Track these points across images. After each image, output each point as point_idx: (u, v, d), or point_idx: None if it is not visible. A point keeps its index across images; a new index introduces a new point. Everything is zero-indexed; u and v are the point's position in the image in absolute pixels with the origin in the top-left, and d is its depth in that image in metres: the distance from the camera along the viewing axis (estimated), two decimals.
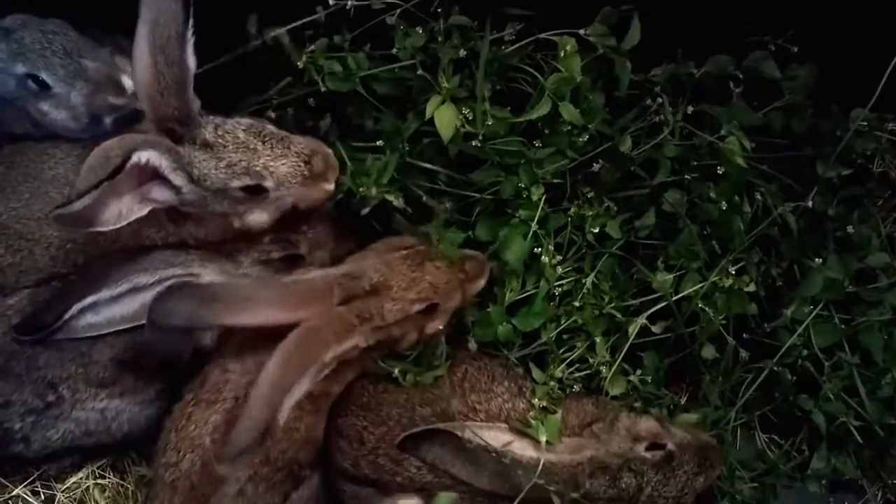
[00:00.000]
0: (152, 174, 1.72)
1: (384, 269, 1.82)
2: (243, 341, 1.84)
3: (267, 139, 1.82)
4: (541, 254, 1.93)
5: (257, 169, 1.80)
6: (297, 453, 1.84)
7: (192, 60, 1.75)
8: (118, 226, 1.70)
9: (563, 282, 1.96)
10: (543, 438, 1.78)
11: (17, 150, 1.95)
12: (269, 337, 1.68)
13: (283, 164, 1.82)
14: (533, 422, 1.81)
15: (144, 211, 1.74)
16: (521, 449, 1.77)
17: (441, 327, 1.89)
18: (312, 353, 1.67)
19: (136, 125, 1.82)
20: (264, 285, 1.77)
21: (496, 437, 1.76)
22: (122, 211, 1.70)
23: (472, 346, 1.94)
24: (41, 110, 1.93)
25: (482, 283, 1.92)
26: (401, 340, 1.88)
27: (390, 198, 1.92)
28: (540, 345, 1.97)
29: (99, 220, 1.66)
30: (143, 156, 1.66)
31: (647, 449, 1.82)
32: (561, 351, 1.96)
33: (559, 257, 1.95)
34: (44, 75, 1.88)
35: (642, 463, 1.79)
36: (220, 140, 1.79)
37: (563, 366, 1.94)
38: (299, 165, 1.84)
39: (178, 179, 1.76)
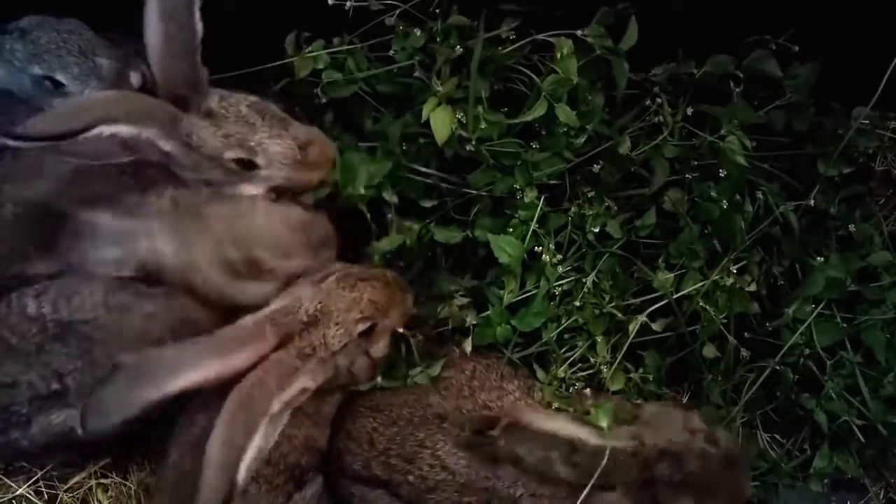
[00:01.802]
0: (133, 140, 1.74)
1: (320, 295, 1.76)
2: None
3: (267, 117, 1.85)
4: (540, 253, 1.92)
5: (251, 144, 1.83)
6: (299, 458, 1.83)
7: (199, 26, 1.78)
8: (96, 162, 1.73)
9: (563, 281, 1.95)
10: (605, 424, 1.78)
11: None
12: None
13: (276, 144, 1.84)
14: (592, 410, 1.81)
15: (127, 158, 1.76)
16: (586, 436, 1.77)
17: (385, 350, 1.87)
18: (257, 409, 1.59)
19: None
20: (192, 346, 1.64)
21: (561, 425, 1.77)
22: (102, 152, 1.72)
23: (467, 347, 1.93)
24: None
25: (412, 298, 1.90)
26: (351, 371, 1.83)
27: (385, 195, 1.93)
28: (541, 344, 1.96)
29: (69, 152, 1.69)
30: (108, 130, 1.67)
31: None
32: (562, 350, 1.96)
33: (559, 256, 1.95)
34: (59, 76, 1.93)
35: (703, 453, 1.77)
36: (222, 110, 1.82)
37: (565, 365, 1.94)
38: (293, 149, 1.86)
39: (167, 146, 1.79)
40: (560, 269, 1.95)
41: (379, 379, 1.91)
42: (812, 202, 1.98)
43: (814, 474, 2.05)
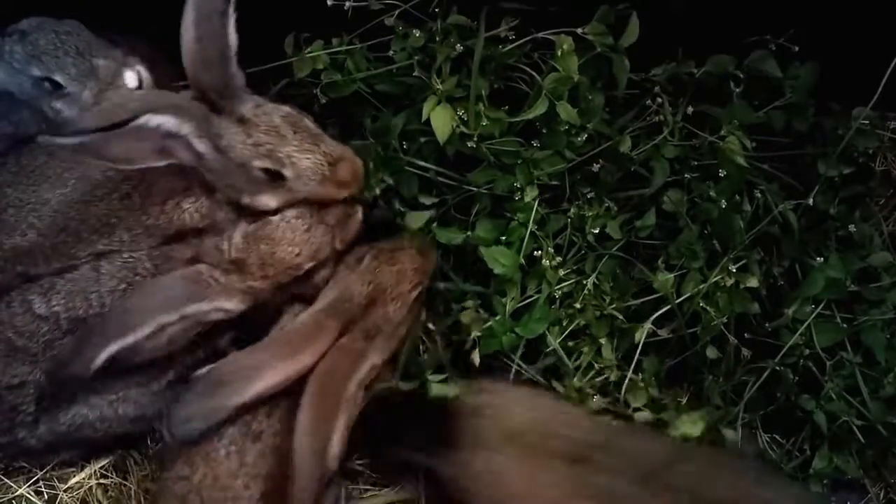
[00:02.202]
0: (174, 135, 1.75)
1: (368, 276, 1.83)
2: None
3: (299, 131, 1.84)
4: (540, 257, 1.92)
5: (280, 156, 1.82)
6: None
7: (233, 36, 1.80)
8: (129, 167, 1.75)
9: (564, 284, 1.95)
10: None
11: None
12: None
13: (306, 159, 1.83)
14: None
15: (162, 163, 1.78)
16: None
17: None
18: (336, 393, 1.67)
19: None
20: (262, 349, 1.73)
21: None
22: (136, 156, 1.73)
23: (476, 359, 1.95)
24: (55, 108, 1.97)
25: (435, 254, 1.97)
26: (404, 339, 1.89)
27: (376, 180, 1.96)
28: (548, 353, 1.96)
29: (104, 156, 1.70)
30: (156, 119, 1.69)
31: None
32: (572, 359, 1.96)
33: (559, 259, 1.95)
34: (57, 77, 1.93)
35: None
36: (255, 118, 1.82)
37: (578, 374, 1.94)
38: (322, 165, 1.85)
39: (200, 146, 1.79)
40: (560, 271, 1.95)
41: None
42: (811, 202, 1.97)
43: (814, 475, 2.04)
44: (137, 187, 1.90)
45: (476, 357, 1.95)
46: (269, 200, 1.89)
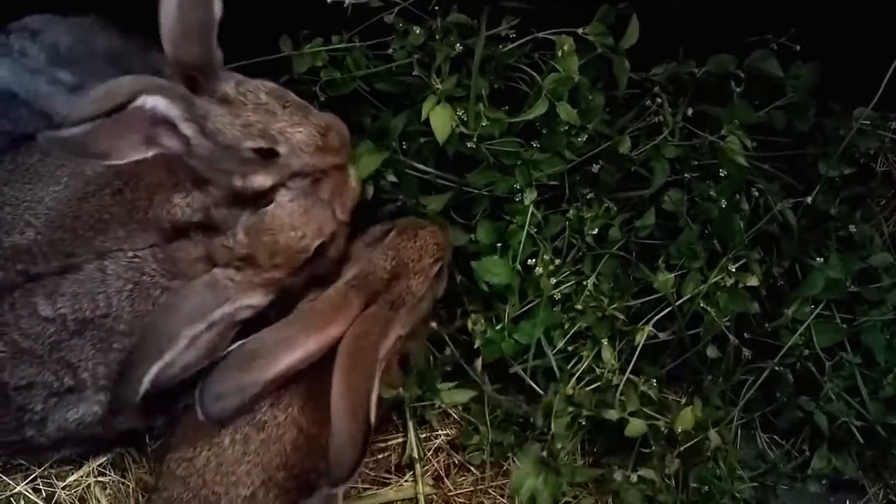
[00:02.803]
0: (161, 120, 1.70)
1: (391, 252, 1.85)
2: None
3: (288, 105, 1.81)
4: (535, 264, 1.92)
5: (273, 133, 1.79)
6: (318, 461, 1.82)
7: (218, 6, 1.73)
8: (117, 162, 1.68)
9: (564, 286, 1.95)
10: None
11: None
12: None
13: (299, 132, 1.81)
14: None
15: (149, 154, 1.72)
16: None
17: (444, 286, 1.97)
18: (369, 355, 1.69)
19: None
20: (291, 323, 1.74)
21: None
22: (123, 149, 1.68)
23: (478, 366, 1.97)
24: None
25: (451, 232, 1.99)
26: (426, 314, 1.93)
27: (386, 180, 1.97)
28: (546, 354, 1.97)
29: (92, 152, 1.64)
30: (150, 100, 1.64)
31: None
32: (570, 366, 1.96)
33: (557, 261, 1.95)
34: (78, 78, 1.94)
35: None
36: (240, 97, 1.78)
37: (572, 381, 1.94)
38: (314, 135, 1.83)
39: (188, 130, 1.74)
40: (554, 279, 1.94)
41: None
42: (809, 200, 1.96)
43: (812, 475, 2.06)
44: (128, 183, 1.88)
45: (478, 364, 1.96)
46: (263, 180, 1.85)
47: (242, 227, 1.85)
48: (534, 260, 1.94)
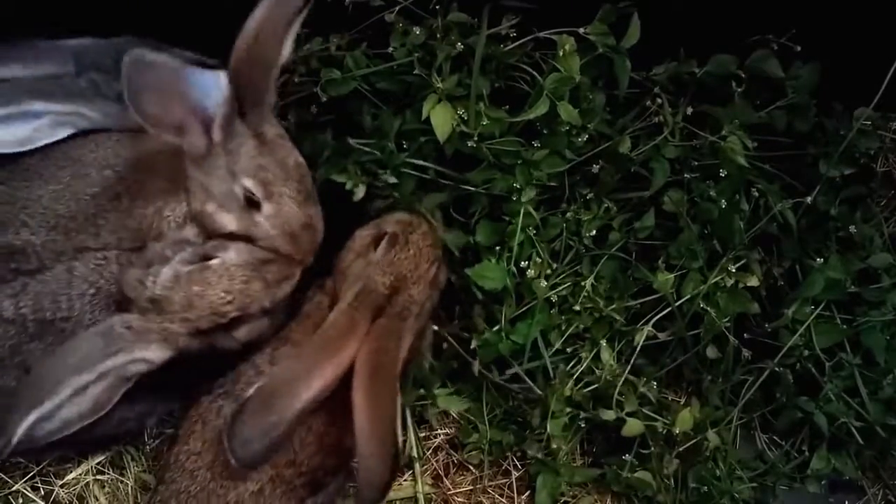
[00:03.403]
0: (202, 112, 1.72)
1: (387, 268, 1.82)
2: (277, 347, 1.87)
3: (303, 183, 1.81)
4: (528, 267, 1.92)
5: (273, 190, 1.78)
6: (325, 459, 1.82)
7: (288, 49, 1.77)
8: (153, 130, 1.71)
9: (561, 287, 1.95)
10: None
11: None
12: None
13: (290, 208, 1.80)
14: None
15: (173, 138, 1.75)
16: None
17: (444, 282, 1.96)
18: (391, 371, 1.69)
19: None
20: (303, 355, 1.72)
21: None
22: (162, 119, 1.71)
23: (476, 369, 1.96)
24: None
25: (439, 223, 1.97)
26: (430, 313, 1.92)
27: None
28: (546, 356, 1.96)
29: (143, 108, 1.68)
30: (203, 77, 1.67)
31: None
32: (568, 367, 1.96)
33: (555, 265, 1.95)
34: None
35: None
36: (272, 144, 1.79)
37: (570, 381, 1.94)
38: (298, 221, 1.81)
39: (218, 135, 1.75)
40: (553, 279, 1.94)
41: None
42: (809, 200, 1.96)
43: (812, 475, 2.05)
44: (129, 189, 1.87)
45: (476, 367, 1.96)
46: (230, 222, 1.83)
47: (172, 270, 1.78)
48: (526, 263, 1.92)
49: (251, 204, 1.80)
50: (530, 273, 1.91)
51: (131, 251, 1.86)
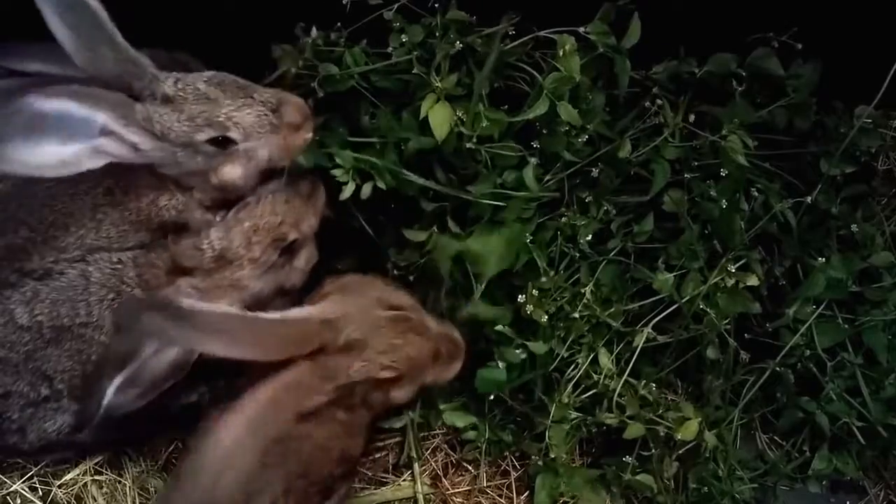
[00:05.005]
0: (101, 128, 1.67)
1: (366, 328, 1.74)
2: None
3: (228, 89, 1.77)
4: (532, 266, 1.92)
5: (220, 119, 1.76)
6: (334, 468, 1.81)
7: (99, 9, 1.64)
8: (65, 174, 1.66)
9: (560, 301, 1.94)
10: None
11: None
12: None
13: (247, 114, 1.78)
14: None
15: (100, 163, 1.69)
16: None
17: (407, 398, 1.86)
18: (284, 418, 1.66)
19: None
20: (245, 323, 1.64)
21: None
22: (67, 159, 1.65)
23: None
24: None
25: (457, 367, 1.88)
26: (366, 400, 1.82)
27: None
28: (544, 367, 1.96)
29: (28, 165, 1.62)
30: (81, 111, 1.62)
31: None
32: (567, 372, 1.95)
33: (552, 273, 1.94)
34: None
35: None
36: (180, 93, 1.74)
37: (569, 388, 1.93)
38: (266, 114, 1.79)
39: (131, 135, 1.71)
40: (550, 294, 1.93)
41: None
42: (809, 200, 1.95)
43: (813, 475, 2.05)
44: (119, 182, 1.85)
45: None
46: (231, 170, 1.83)
47: (217, 225, 1.84)
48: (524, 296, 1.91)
49: (224, 144, 1.79)
50: (529, 308, 1.89)
51: (146, 250, 1.86)
